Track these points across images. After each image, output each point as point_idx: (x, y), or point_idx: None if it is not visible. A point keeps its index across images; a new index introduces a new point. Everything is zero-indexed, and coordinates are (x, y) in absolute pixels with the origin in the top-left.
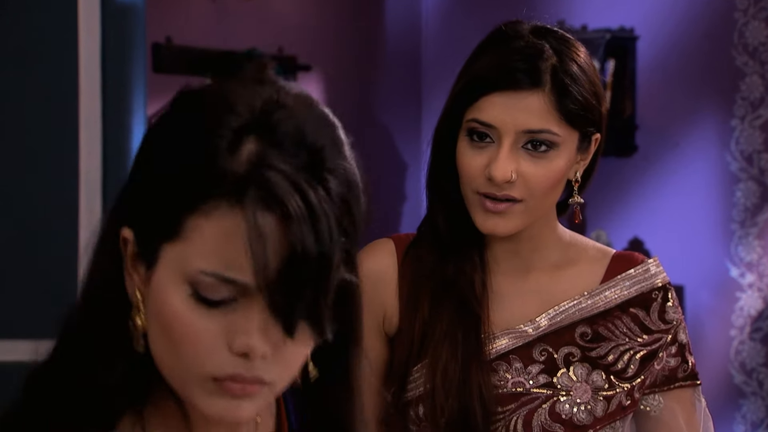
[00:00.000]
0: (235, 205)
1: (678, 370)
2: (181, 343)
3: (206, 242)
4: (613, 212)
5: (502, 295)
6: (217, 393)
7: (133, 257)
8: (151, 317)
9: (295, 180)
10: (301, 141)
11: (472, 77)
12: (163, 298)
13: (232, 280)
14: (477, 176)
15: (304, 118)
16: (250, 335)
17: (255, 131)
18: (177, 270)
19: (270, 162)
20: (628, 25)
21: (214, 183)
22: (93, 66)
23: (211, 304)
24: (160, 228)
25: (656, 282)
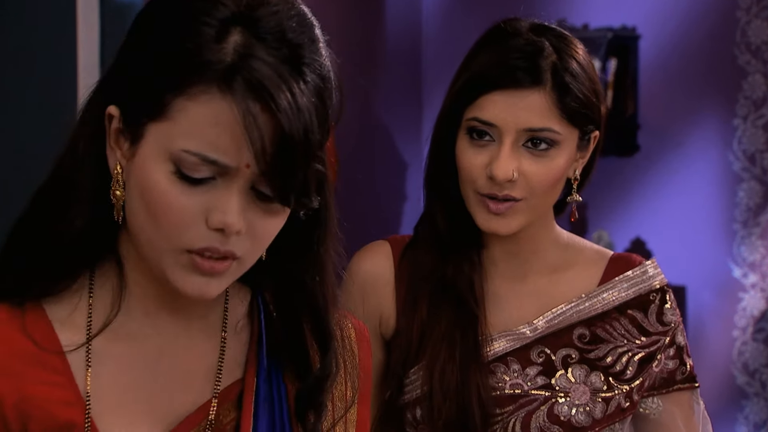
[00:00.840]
0: (225, 92)
1: (676, 372)
2: (161, 216)
3: (191, 124)
4: (614, 212)
5: (500, 297)
6: (189, 268)
7: (117, 133)
8: (133, 190)
9: (280, 72)
10: (282, 37)
11: (472, 75)
12: (146, 173)
13: (214, 160)
14: (478, 176)
15: (286, 15)
16: (228, 212)
17: (240, 23)
18: (161, 148)
19: (257, 54)
20: (629, 24)
21: (203, 69)
22: (92, 65)
23: (191, 181)
24: (146, 107)
25: (654, 284)
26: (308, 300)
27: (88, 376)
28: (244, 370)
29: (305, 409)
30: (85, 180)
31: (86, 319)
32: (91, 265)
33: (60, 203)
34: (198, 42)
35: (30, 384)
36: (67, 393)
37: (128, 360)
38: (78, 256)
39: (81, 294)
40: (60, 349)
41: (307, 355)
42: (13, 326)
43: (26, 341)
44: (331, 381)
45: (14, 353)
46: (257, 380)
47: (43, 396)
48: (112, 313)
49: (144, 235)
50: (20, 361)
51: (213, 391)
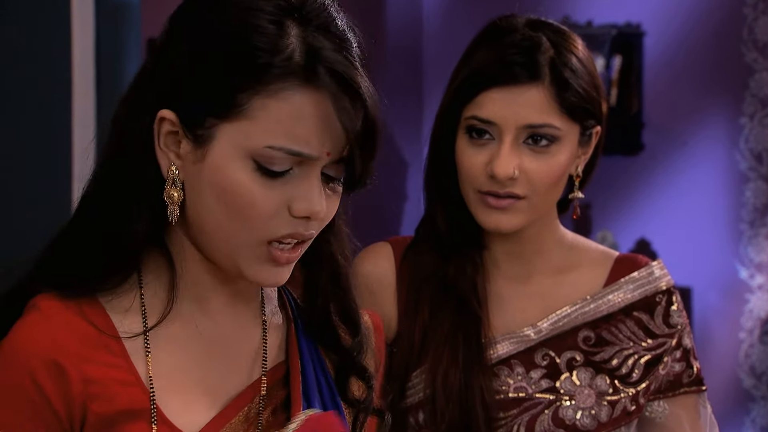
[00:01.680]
0: (306, 86)
1: (683, 375)
2: (247, 212)
3: (273, 120)
4: (619, 212)
5: (502, 299)
6: (264, 259)
7: (168, 135)
8: (205, 191)
9: (349, 60)
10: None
11: (469, 73)
12: (224, 172)
13: (299, 152)
14: (478, 174)
15: (329, 6)
16: (313, 200)
17: (291, 15)
18: (238, 147)
19: (322, 45)
20: (634, 20)
21: (278, 66)
22: (87, 63)
23: (272, 174)
24: (215, 109)
25: (660, 285)
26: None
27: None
28: (286, 352)
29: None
30: (146, 181)
31: (141, 309)
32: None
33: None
34: (260, 39)
35: (93, 365)
36: (127, 375)
37: (183, 344)
38: (131, 254)
39: (132, 287)
40: (117, 334)
41: (337, 331)
42: (73, 312)
43: (87, 325)
44: (363, 354)
45: (76, 335)
46: (301, 360)
47: (105, 377)
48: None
49: (222, 232)
50: (82, 343)
51: (261, 370)
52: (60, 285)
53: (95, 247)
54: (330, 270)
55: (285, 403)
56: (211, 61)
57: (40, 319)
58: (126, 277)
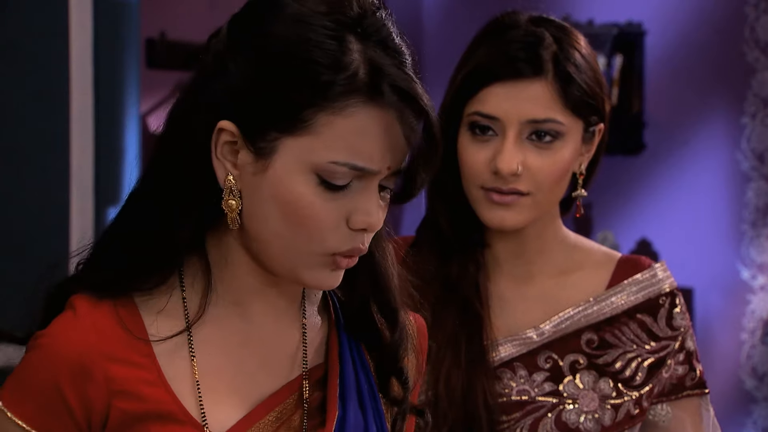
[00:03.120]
0: (371, 103)
1: (686, 378)
2: (308, 224)
3: (338, 136)
4: (620, 212)
5: (505, 301)
6: (325, 265)
7: (229, 145)
8: (266, 202)
9: (410, 75)
10: (390, 41)
11: (471, 69)
12: (287, 186)
13: (363, 168)
14: (481, 171)
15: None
16: (371, 214)
17: (351, 31)
18: (302, 161)
19: (383, 61)
20: (636, 19)
21: (342, 83)
22: (85, 61)
23: (334, 188)
24: (278, 123)
25: (664, 287)
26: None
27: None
28: (325, 354)
29: (388, 377)
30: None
31: (182, 311)
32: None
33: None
34: (323, 55)
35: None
36: (153, 377)
37: (217, 346)
38: (173, 256)
39: (173, 288)
40: (146, 337)
41: (378, 329)
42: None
43: (117, 327)
44: (404, 351)
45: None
46: (341, 362)
47: (131, 377)
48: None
49: (281, 241)
50: (111, 343)
51: (302, 369)
52: (97, 284)
53: (138, 247)
54: (369, 268)
55: (320, 405)
56: (273, 76)
57: (72, 319)
58: (165, 278)
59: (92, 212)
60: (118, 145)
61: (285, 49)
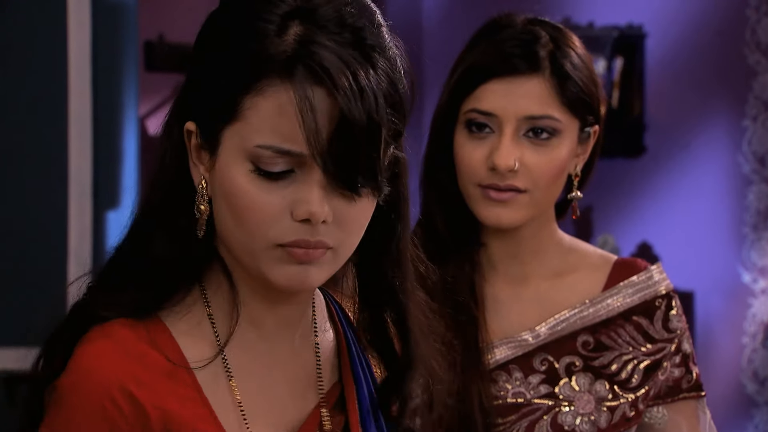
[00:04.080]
0: (286, 81)
1: (682, 381)
2: (246, 215)
3: (262, 118)
4: (620, 215)
5: (500, 303)
6: (284, 260)
7: (197, 148)
8: (217, 198)
9: (341, 55)
10: (342, 22)
11: (467, 67)
12: (228, 176)
13: (287, 150)
14: (478, 168)
15: (343, 2)
16: (310, 202)
17: (298, 16)
18: (238, 149)
19: (317, 40)
20: (636, 22)
21: (267, 63)
22: (83, 64)
23: (271, 177)
24: (220, 113)
25: (660, 289)
26: (390, 291)
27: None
28: (339, 372)
29: (389, 396)
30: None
31: (211, 331)
32: (200, 277)
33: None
34: (260, 39)
35: (167, 398)
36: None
37: (247, 370)
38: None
39: (198, 306)
40: (187, 363)
41: (392, 343)
42: (143, 340)
43: (158, 355)
44: (414, 371)
45: (148, 367)
46: (356, 385)
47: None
48: (230, 325)
49: (233, 237)
50: (155, 374)
51: (318, 397)
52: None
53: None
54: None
55: (344, 428)
56: (214, 66)
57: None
58: (186, 295)
59: (91, 215)
60: (116, 147)
61: (224, 38)
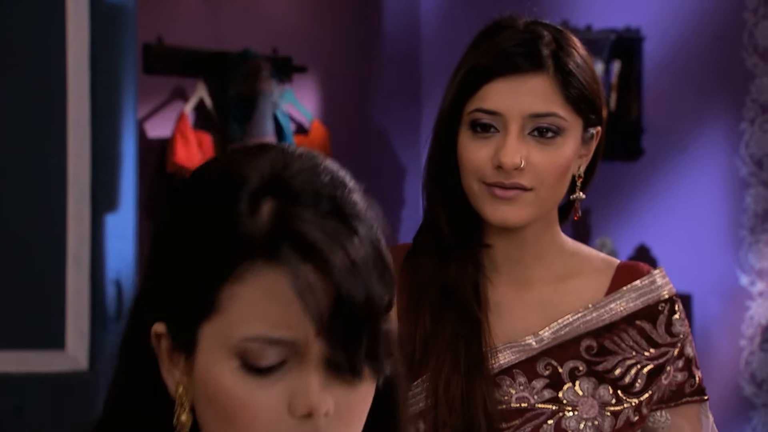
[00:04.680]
0: (270, 262)
1: (685, 385)
2: (238, 420)
3: (245, 307)
4: (618, 218)
5: (504, 306)
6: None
7: (170, 351)
8: (201, 404)
9: (325, 228)
10: (316, 192)
11: (471, 67)
12: (211, 379)
13: (278, 339)
14: (483, 167)
15: (314, 171)
16: (310, 395)
17: (270, 192)
18: (220, 346)
19: (296, 214)
20: (634, 25)
21: (243, 246)
22: (82, 67)
23: (261, 372)
24: (193, 309)
25: (663, 294)
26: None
27: None
28: None
29: None
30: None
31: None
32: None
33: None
34: (231, 223)
35: None
36: None
37: None
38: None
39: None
40: None
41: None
42: None
43: None
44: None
45: None
46: None
47: None
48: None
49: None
50: None
51: None
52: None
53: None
54: None
55: None
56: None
57: None
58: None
59: (89, 218)
60: (115, 151)
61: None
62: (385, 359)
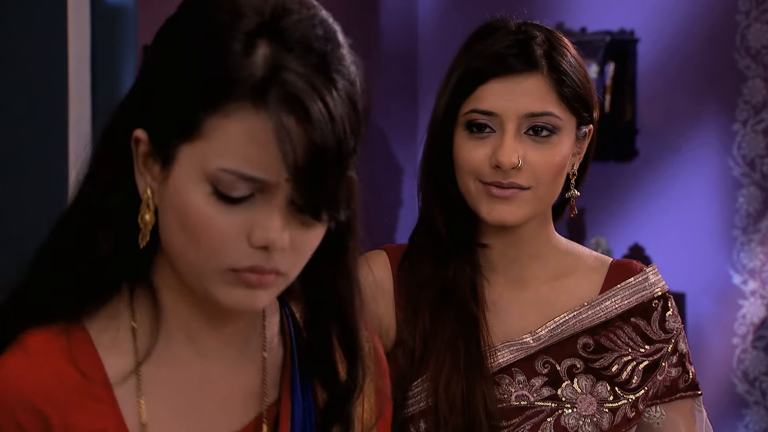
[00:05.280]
0: (259, 106)
1: (679, 380)
2: (202, 238)
3: (227, 141)
4: (612, 218)
5: (501, 306)
6: (234, 283)
7: (145, 156)
8: (168, 214)
9: (313, 82)
10: (309, 45)
11: (465, 69)
12: (183, 196)
13: (252, 177)
14: (480, 166)
15: (310, 23)
16: (270, 230)
17: (266, 35)
18: (196, 169)
19: (287, 65)
20: (628, 27)
21: (235, 85)
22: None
23: (230, 200)
24: (177, 129)
25: (656, 291)
26: (338, 308)
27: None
28: (279, 390)
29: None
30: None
31: (132, 345)
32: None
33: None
34: (226, 57)
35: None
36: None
37: (173, 386)
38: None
39: (123, 318)
40: (106, 379)
41: (335, 365)
42: (60, 354)
43: (74, 371)
44: (358, 392)
45: (61, 382)
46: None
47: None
48: (152, 340)
49: (184, 258)
50: (67, 390)
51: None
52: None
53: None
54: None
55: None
56: (175, 79)
57: (26, 361)
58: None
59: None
60: None
61: (187, 50)
62: (344, 207)
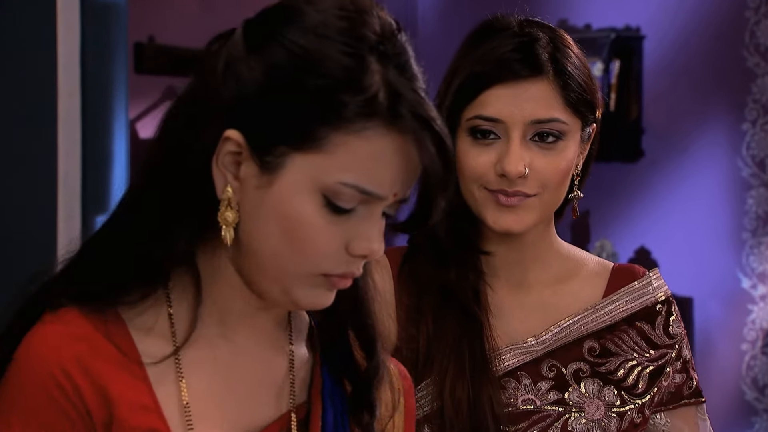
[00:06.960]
0: (390, 128)
1: (683, 387)
2: (307, 245)
3: (352, 158)
4: (618, 221)
5: (504, 310)
6: (320, 285)
7: (234, 157)
8: (266, 218)
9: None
10: (411, 67)
11: (468, 74)
12: (291, 203)
13: (370, 192)
14: (485, 173)
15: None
16: (373, 240)
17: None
18: (310, 179)
19: (411, 86)
20: (633, 24)
21: (366, 105)
22: (72, 66)
23: (339, 212)
24: (291, 137)
25: (659, 295)
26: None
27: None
28: (308, 391)
29: (359, 409)
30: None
31: (168, 329)
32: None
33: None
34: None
35: (113, 383)
36: (147, 400)
37: (207, 370)
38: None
39: (160, 304)
40: (140, 359)
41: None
42: (96, 330)
43: (110, 346)
44: (378, 381)
45: (99, 353)
46: (323, 404)
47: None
48: (191, 325)
49: (275, 260)
50: (104, 361)
51: (290, 405)
52: (83, 296)
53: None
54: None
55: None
56: (287, 87)
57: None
58: (151, 293)
59: (79, 219)
60: (106, 151)
61: (301, 60)
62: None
